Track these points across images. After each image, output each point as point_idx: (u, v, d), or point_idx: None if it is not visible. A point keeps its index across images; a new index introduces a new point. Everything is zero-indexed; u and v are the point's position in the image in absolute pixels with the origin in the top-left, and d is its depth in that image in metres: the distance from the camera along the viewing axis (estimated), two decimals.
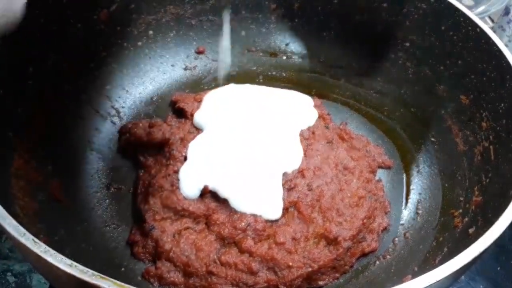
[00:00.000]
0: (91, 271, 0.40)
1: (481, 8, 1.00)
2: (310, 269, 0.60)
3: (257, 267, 0.59)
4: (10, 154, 0.57)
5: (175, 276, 0.60)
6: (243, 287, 0.59)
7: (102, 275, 0.40)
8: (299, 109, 0.77)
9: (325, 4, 0.84)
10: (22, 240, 0.42)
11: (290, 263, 0.59)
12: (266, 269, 0.60)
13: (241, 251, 0.61)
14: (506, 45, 0.92)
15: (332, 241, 0.62)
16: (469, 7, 0.97)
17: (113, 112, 0.77)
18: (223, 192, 0.63)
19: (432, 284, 0.42)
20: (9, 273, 0.69)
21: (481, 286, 0.73)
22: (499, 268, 0.75)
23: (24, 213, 0.53)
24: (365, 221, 0.65)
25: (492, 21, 1.07)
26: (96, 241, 0.62)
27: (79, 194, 0.66)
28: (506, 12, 0.95)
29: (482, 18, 1.00)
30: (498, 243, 0.49)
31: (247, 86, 0.81)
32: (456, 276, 0.44)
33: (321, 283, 0.62)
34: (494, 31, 0.94)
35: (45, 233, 0.54)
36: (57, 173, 0.63)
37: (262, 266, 0.60)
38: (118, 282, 0.39)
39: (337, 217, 0.64)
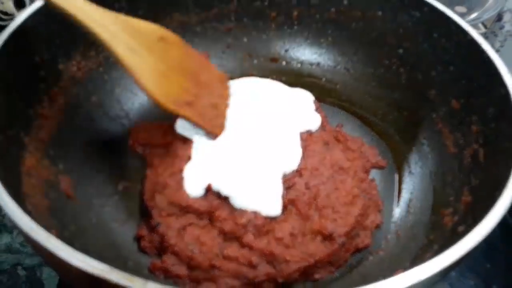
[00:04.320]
0: (101, 265, 0.40)
1: (474, 15, 1.00)
2: (306, 263, 0.60)
3: (257, 261, 0.60)
4: (22, 154, 0.57)
5: (180, 270, 0.60)
6: (244, 280, 0.59)
7: (112, 267, 0.40)
8: (301, 111, 0.77)
9: (323, 12, 0.85)
10: (35, 236, 0.43)
11: (288, 257, 0.60)
12: (266, 263, 0.60)
13: (242, 245, 0.61)
14: (498, 50, 0.92)
15: (328, 237, 0.62)
16: (462, 14, 0.97)
17: (122, 114, 0.77)
18: (225, 190, 0.63)
19: (420, 281, 0.43)
20: (19, 267, 0.69)
21: (472, 282, 0.73)
22: (489, 266, 0.75)
23: (35, 209, 0.53)
24: (358, 218, 0.65)
25: (485, 27, 1.07)
26: (105, 236, 0.62)
27: (89, 191, 0.66)
28: (498, 18, 0.95)
29: (475, 25, 1.00)
30: (489, 242, 0.49)
31: (242, 81, 0.81)
32: (443, 273, 0.45)
33: (317, 276, 0.62)
34: (487, 37, 0.95)
35: (56, 229, 0.54)
36: (68, 171, 0.64)
37: (261, 260, 0.60)
38: (127, 275, 0.40)
39: (332, 214, 0.64)
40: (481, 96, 0.66)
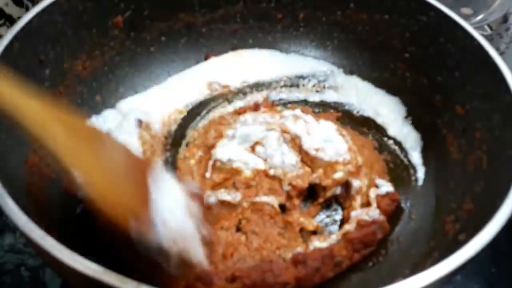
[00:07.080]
0: (94, 266, 0.40)
1: (480, 17, 0.98)
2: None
3: None
4: (24, 152, 0.57)
5: None
6: None
7: (105, 269, 0.40)
8: None
9: (329, 15, 0.84)
10: (33, 235, 0.43)
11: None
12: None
13: None
14: (504, 52, 0.91)
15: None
16: (468, 16, 0.96)
17: None
18: None
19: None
20: (23, 267, 0.69)
21: (477, 286, 0.72)
22: (494, 269, 0.74)
23: (36, 208, 0.53)
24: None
25: (491, 28, 1.06)
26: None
27: None
28: (504, 20, 0.93)
29: (481, 26, 0.99)
30: (495, 246, 0.48)
31: None
32: (442, 281, 0.44)
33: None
34: (492, 38, 0.94)
35: (57, 228, 0.54)
36: (70, 170, 0.63)
37: None
38: (120, 277, 0.40)
39: None
40: (486, 102, 0.65)
